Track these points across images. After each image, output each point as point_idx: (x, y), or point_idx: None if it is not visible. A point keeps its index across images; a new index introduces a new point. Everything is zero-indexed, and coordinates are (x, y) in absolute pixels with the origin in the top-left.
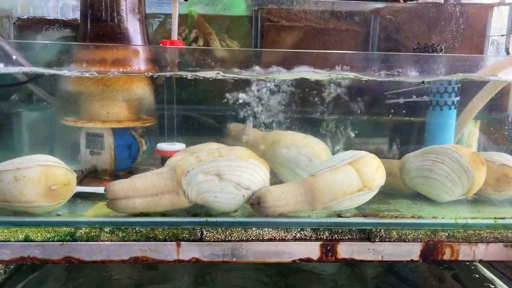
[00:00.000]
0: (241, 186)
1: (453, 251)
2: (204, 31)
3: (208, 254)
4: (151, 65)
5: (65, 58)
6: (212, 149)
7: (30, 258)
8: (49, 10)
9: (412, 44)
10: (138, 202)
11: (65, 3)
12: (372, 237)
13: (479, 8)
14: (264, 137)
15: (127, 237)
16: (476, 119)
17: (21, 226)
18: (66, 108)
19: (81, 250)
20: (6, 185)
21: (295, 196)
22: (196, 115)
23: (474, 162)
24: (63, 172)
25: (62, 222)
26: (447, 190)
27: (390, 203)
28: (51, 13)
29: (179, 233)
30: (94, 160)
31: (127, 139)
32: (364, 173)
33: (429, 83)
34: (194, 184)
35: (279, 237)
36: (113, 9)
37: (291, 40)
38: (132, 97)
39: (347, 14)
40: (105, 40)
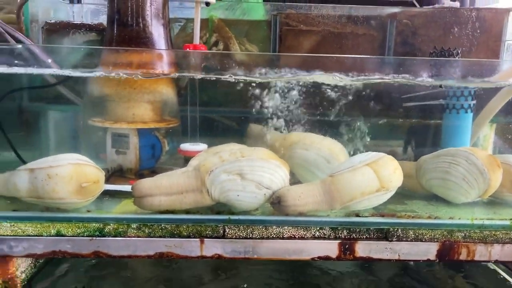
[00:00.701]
0: (263, 186)
1: (469, 251)
2: (224, 35)
3: (230, 250)
4: (174, 68)
5: (94, 61)
6: (234, 150)
7: (61, 252)
8: (74, 15)
9: (428, 48)
10: (163, 199)
11: (89, 8)
12: (390, 237)
13: (495, 12)
14: (283, 139)
15: (153, 233)
16: (492, 122)
17: (53, 222)
18: (93, 109)
19: (109, 245)
20: (39, 182)
21: (314, 196)
22: (217, 117)
23: (491, 165)
24: (93, 170)
25: (92, 218)
26: (463, 192)
27: (407, 203)
28: (76, 18)
29: (203, 230)
30: (119, 160)
31: (151, 139)
32: (382, 174)
33: (446, 87)
34: (217, 183)
35: (299, 235)
36: (139, 14)
37: (308, 44)
38: (157, 99)
39: (364, 18)
40: (131, 44)
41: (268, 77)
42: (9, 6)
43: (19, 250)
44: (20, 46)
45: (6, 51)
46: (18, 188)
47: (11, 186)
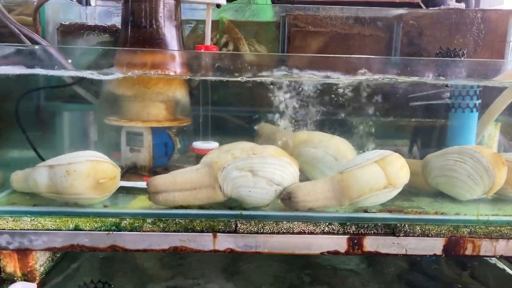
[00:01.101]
0: (273, 182)
1: (475, 246)
2: (234, 36)
3: (242, 245)
4: (186, 69)
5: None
6: (246, 147)
7: (79, 246)
8: (87, 16)
9: (434, 49)
10: (177, 195)
11: (101, 10)
12: (397, 232)
13: (500, 14)
14: (292, 137)
15: (167, 228)
16: (497, 121)
17: (72, 216)
18: (108, 109)
19: (125, 239)
20: (58, 178)
21: (323, 192)
22: (227, 116)
23: (495, 162)
24: (110, 167)
25: (109, 213)
26: (469, 188)
27: (413, 200)
28: (89, 19)
29: (215, 225)
30: (133, 157)
31: (164, 137)
32: (389, 171)
33: (451, 86)
34: (229, 179)
35: (308, 230)
36: (152, 16)
37: (316, 45)
38: (170, 98)
39: (371, 20)
40: (145, 45)
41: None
42: (20, 8)
43: (39, 243)
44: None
45: (26, 52)
46: (38, 184)
47: (31, 182)
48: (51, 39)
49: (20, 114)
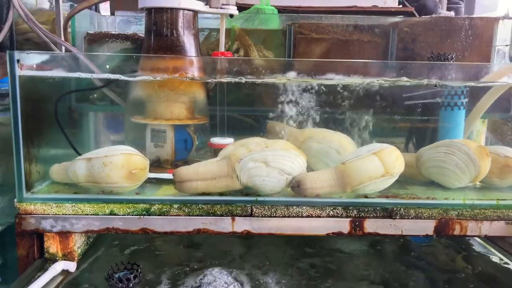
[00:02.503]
0: (284, 172)
1: (462, 227)
2: (244, 43)
3: (257, 227)
4: (203, 73)
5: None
6: (259, 142)
7: (114, 228)
8: (108, 25)
9: (427, 53)
10: (200, 184)
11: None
12: (393, 215)
13: (486, 21)
14: (299, 134)
15: (191, 212)
16: (483, 118)
17: (107, 203)
18: (134, 109)
19: (154, 223)
20: (96, 169)
21: (328, 180)
22: (240, 115)
23: (480, 154)
24: (141, 159)
25: (140, 199)
26: (457, 177)
27: (408, 188)
28: (110, 28)
29: (234, 210)
30: (157, 152)
31: (184, 134)
32: (386, 161)
33: (441, 86)
34: (245, 169)
35: (315, 214)
36: (173, 26)
37: (319, 50)
38: (191, 99)
39: (369, 27)
40: (166, 52)
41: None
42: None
43: (79, 226)
44: (80, 54)
45: (69, 58)
46: (77, 175)
47: (71, 174)
48: (79, 46)
49: (57, 114)
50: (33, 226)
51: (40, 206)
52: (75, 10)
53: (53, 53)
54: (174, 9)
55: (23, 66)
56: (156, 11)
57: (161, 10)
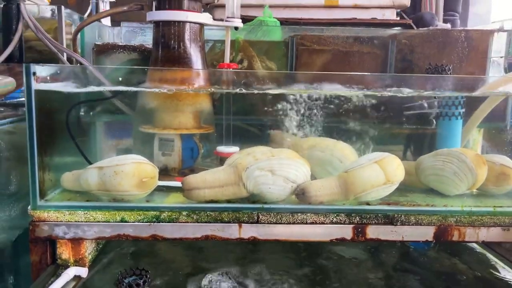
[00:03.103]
0: (289, 180)
1: (460, 233)
2: (248, 54)
3: (263, 233)
4: (209, 84)
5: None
6: (265, 150)
7: (125, 235)
8: (114, 36)
9: (424, 64)
10: (207, 191)
11: (127, 30)
12: (394, 221)
13: (481, 33)
14: (302, 143)
15: (200, 219)
16: (480, 127)
17: (119, 210)
18: (143, 118)
19: (164, 229)
20: (107, 177)
21: (332, 188)
22: (245, 124)
23: (477, 162)
24: (151, 168)
25: (150, 207)
26: (455, 185)
27: (408, 196)
28: (116, 39)
29: (241, 217)
30: (165, 160)
31: (190, 143)
32: (387, 170)
33: (439, 97)
34: (252, 178)
35: (319, 221)
36: (180, 38)
37: (321, 61)
38: (198, 109)
39: (368, 39)
40: (174, 64)
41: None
42: None
43: (91, 233)
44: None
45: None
46: (89, 183)
47: (83, 182)
48: (87, 56)
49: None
50: (47, 233)
51: (53, 213)
52: (84, 23)
53: (66, 66)
54: (182, 22)
55: (39, 79)
56: (164, 24)
57: (169, 23)
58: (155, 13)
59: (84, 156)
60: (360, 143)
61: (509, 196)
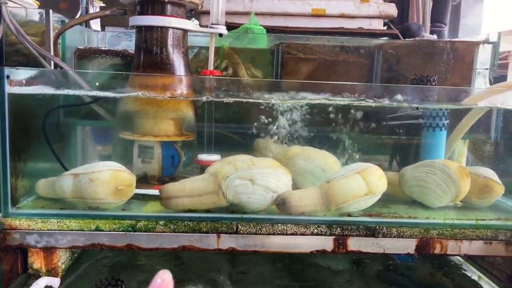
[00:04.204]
0: (270, 190)
1: (442, 246)
2: (233, 62)
3: (242, 244)
4: (191, 91)
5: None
6: (246, 159)
7: (100, 244)
8: (98, 41)
9: (410, 75)
10: (186, 200)
11: (111, 35)
12: (376, 233)
13: (467, 45)
14: (285, 151)
15: (177, 229)
16: (464, 139)
17: (93, 218)
18: (122, 124)
19: (140, 239)
20: (83, 185)
21: (313, 199)
22: (227, 132)
23: (460, 174)
24: (127, 175)
25: (126, 216)
26: (438, 197)
27: (391, 207)
28: (100, 43)
29: (219, 227)
30: (144, 168)
31: (171, 150)
32: (370, 180)
33: (424, 109)
34: (231, 187)
35: (300, 232)
36: (163, 44)
37: (307, 69)
38: (179, 116)
39: (354, 48)
40: (156, 69)
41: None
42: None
43: (64, 242)
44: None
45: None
46: (64, 190)
47: (58, 189)
48: (69, 61)
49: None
50: (18, 241)
51: (25, 221)
52: (66, 26)
53: (43, 69)
54: (164, 27)
55: (13, 82)
56: (147, 29)
57: (152, 29)
58: (138, 18)
59: (60, 162)
60: (343, 153)
61: (492, 209)
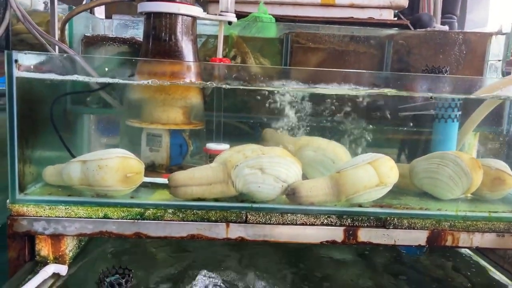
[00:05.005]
0: (280, 179)
1: (454, 238)
2: (241, 50)
3: (252, 234)
4: (200, 78)
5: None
6: (255, 148)
7: (108, 232)
8: (105, 28)
9: (421, 66)
10: (195, 189)
11: (119, 23)
12: (387, 225)
13: (479, 36)
14: (294, 142)
15: (186, 217)
16: (475, 131)
17: (101, 206)
18: (130, 112)
19: (148, 227)
20: (91, 172)
21: (323, 189)
22: (236, 122)
23: (473, 166)
24: (136, 163)
25: (134, 203)
26: (450, 189)
27: (401, 199)
28: (107, 31)
29: (228, 216)
30: (152, 156)
31: (179, 139)
32: (381, 171)
33: (435, 99)
34: (241, 176)
35: (310, 222)
36: (172, 31)
37: (316, 60)
38: (188, 104)
39: (365, 38)
40: (164, 57)
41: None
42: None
43: (72, 229)
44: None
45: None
46: (71, 177)
47: (65, 176)
48: (76, 48)
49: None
50: (25, 228)
51: (33, 208)
52: (73, 13)
53: (51, 54)
54: (174, 14)
55: (21, 67)
56: (155, 15)
57: (160, 15)
58: (147, 4)
59: (67, 149)
60: (353, 143)
61: (504, 202)
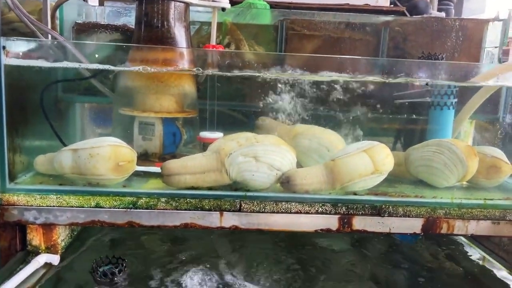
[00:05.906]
0: (274, 167)
1: (449, 226)
2: (235, 38)
3: (246, 222)
4: (193, 65)
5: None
6: (249, 136)
7: (100, 221)
8: (97, 16)
9: (417, 53)
10: (188, 178)
11: (111, 10)
12: (382, 213)
13: (476, 22)
14: (289, 130)
15: (179, 206)
16: (471, 119)
17: (93, 195)
18: (122, 100)
19: (141, 216)
20: (82, 160)
21: (318, 177)
22: (230, 110)
23: (468, 153)
24: (128, 151)
25: (127, 192)
26: (445, 177)
27: (397, 187)
28: (99, 18)
29: (222, 204)
30: (145, 145)
31: (172, 128)
32: (376, 159)
33: (432, 86)
34: (235, 164)
35: (304, 210)
36: (164, 17)
37: (311, 47)
38: (180, 92)
39: (360, 25)
40: (157, 43)
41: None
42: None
43: (64, 219)
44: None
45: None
46: (63, 166)
47: (57, 164)
48: (67, 36)
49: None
50: (16, 218)
51: (24, 197)
52: None
53: (40, 40)
54: (166, 0)
55: (9, 53)
56: (148, 1)
57: (153, 1)
58: None
59: (58, 137)
60: (348, 131)
61: (499, 189)
